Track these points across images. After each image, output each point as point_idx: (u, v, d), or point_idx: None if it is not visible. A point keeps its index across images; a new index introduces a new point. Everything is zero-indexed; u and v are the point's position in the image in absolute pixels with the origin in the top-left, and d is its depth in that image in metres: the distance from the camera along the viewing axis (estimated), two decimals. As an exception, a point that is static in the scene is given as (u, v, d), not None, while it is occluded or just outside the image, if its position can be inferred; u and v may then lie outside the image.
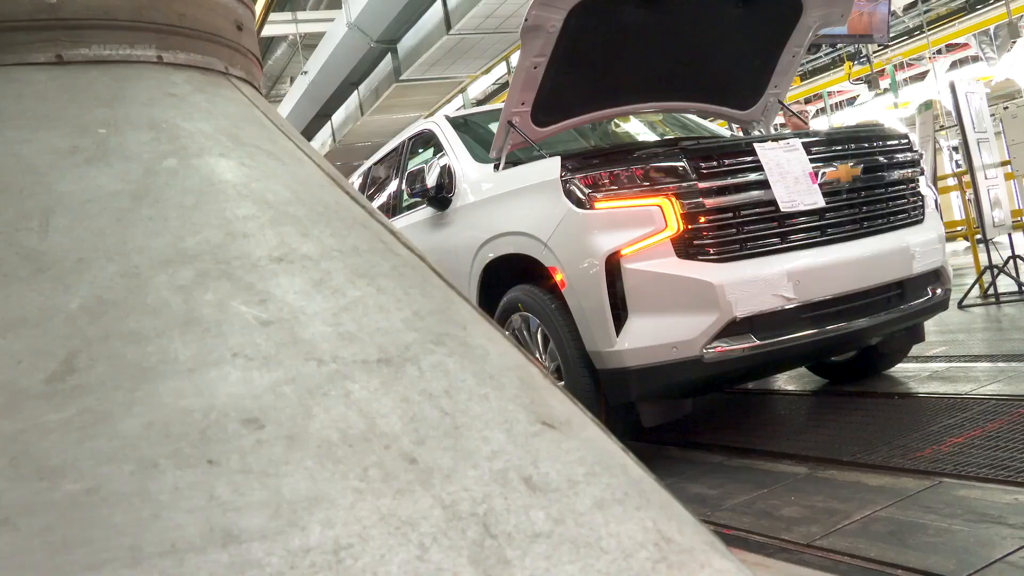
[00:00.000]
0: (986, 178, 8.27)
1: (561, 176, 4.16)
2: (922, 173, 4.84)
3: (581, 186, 4.07)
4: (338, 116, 15.40)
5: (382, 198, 7.13)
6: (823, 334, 4.11)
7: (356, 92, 14.27)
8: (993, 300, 8.20)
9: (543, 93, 4.85)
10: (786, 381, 5.95)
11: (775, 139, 4.22)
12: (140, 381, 0.85)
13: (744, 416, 5.37)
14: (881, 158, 4.54)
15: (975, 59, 20.90)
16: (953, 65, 23.20)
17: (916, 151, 4.82)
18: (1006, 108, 8.25)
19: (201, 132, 1.09)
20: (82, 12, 1.12)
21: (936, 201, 4.97)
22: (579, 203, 4.07)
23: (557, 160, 4.24)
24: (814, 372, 5.79)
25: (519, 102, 4.85)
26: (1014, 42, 18.38)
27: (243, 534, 0.81)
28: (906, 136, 4.81)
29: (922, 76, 21.89)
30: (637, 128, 6.82)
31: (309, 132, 16.62)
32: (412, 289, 1.06)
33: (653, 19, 4.94)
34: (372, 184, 7.59)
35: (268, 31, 14.90)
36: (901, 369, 5.55)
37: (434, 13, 11.23)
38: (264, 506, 0.83)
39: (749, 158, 4.10)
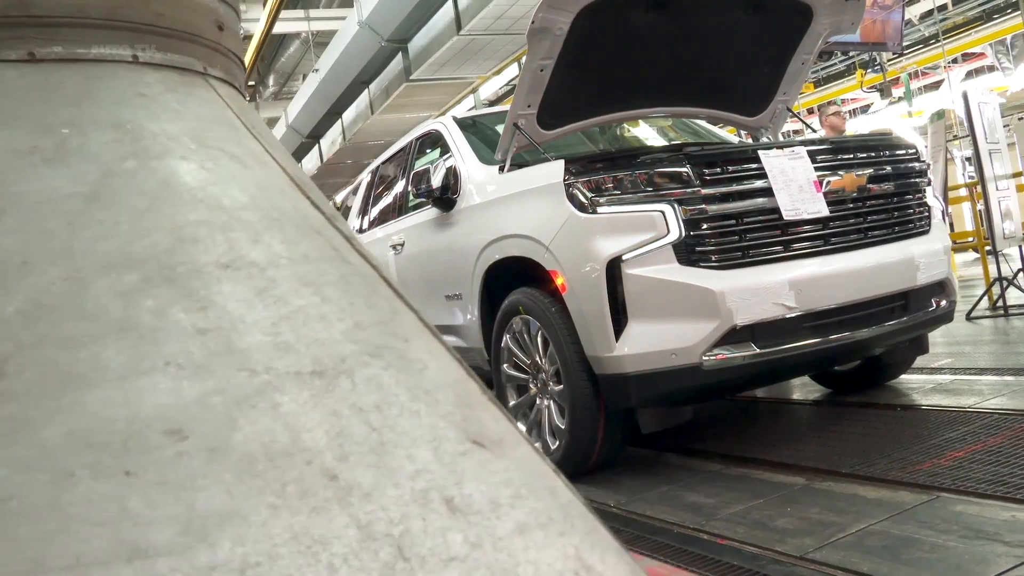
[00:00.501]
0: (997, 189, 8.22)
1: (564, 180, 4.14)
2: (929, 183, 4.81)
3: (584, 190, 4.05)
4: (348, 114, 15.38)
5: (389, 197, 7.13)
6: (825, 344, 4.08)
7: (367, 91, 14.26)
8: (1002, 312, 8.15)
9: (549, 96, 4.83)
10: (789, 390, 5.92)
11: (780, 146, 4.20)
12: (68, 389, 0.84)
13: (745, 424, 5.35)
14: (887, 167, 4.50)
15: (991, 69, 20.82)
16: (969, 75, 23.11)
17: (923, 161, 4.79)
18: (1021, 119, 8.18)
19: (166, 134, 1.07)
20: (55, 9, 1.11)
21: (943, 212, 4.93)
22: (581, 207, 4.05)
23: (561, 163, 4.23)
24: (817, 381, 5.76)
25: (525, 104, 4.83)
26: None
27: (150, 549, 0.79)
28: (913, 146, 4.78)
29: (937, 85, 21.79)
30: (647, 133, 6.80)
31: (320, 130, 16.65)
32: (357, 299, 1.04)
33: (661, 24, 4.91)
34: (380, 183, 7.59)
35: (280, 28, 14.93)
36: (905, 380, 5.51)
37: (445, 13, 11.20)
38: (175, 520, 0.81)
39: (754, 165, 4.07)
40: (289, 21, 14.82)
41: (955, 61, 22.11)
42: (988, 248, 8.66)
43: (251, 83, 21.68)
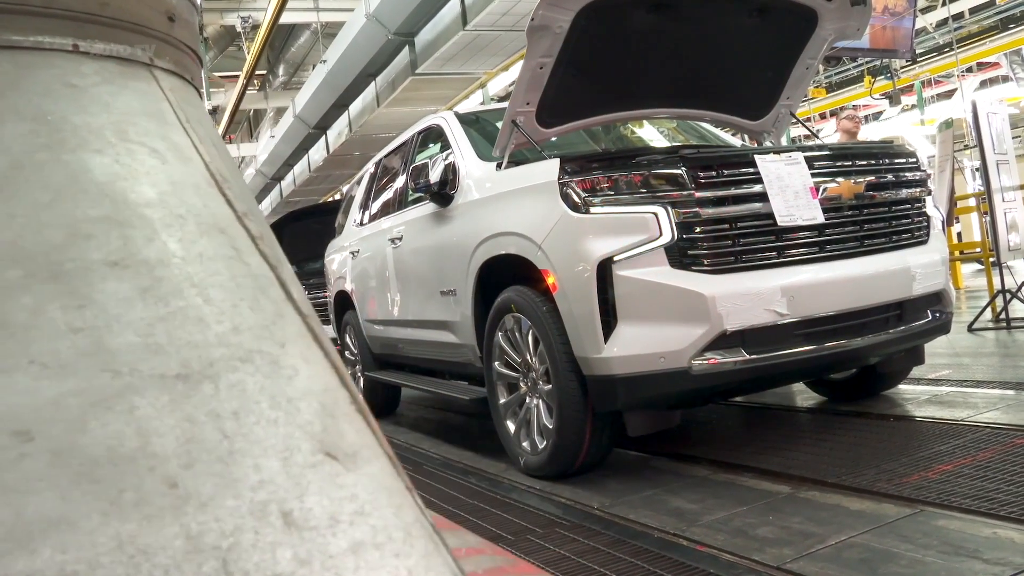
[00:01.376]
0: (1004, 200, 8.16)
1: (559, 178, 4.11)
2: (928, 193, 4.76)
3: (578, 189, 4.02)
4: (355, 106, 15.38)
5: (390, 191, 7.11)
6: (816, 352, 4.04)
7: (373, 83, 14.26)
8: (1004, 325, 8.09)
9: (549, 94, 4.80)
10: (784, 396, 5.89)
11: (777, 151, 4.16)
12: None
13: (736, 429, 5.32)
14: (886, 176, 4.47)
15: (1005, 79, 20.72)
16: (983, 84, 23.01)
17: (923, 170, 4.75)
18: None
19: (88, 126, 1.05)
20: (-9, -4, 1.09)
21: (943, 222, 4.88)
22: (575, 207, 4.02)
23: (556, 162, 4.20)
24: (813, 389, 5.73)
25: (524, 102, 4.81)
26: None
27: (-36, 554, 0.76)
28: (913, 154, 4.74)
29: (950, 94, 21.69)
30: (652, 135, 6.77)
31: (327, 121, 16.64)
32: (242, 302, 1.02)
33: (664, 25, 4.88)
34: (382, 176, 7.57)
35: (289, 18, 14.97)
36: (902, 391, 5.48)
37: (451, 8, 11.19)
38: (0, 525, 0.78)
39: (750, 169, 4.04)
40: (298, 11, 14.85)
41: (969, 70, 22.01)
42: (993, 259, 8.60)
43: (261, 72, 21.73)
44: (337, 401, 1.07)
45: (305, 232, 12.10)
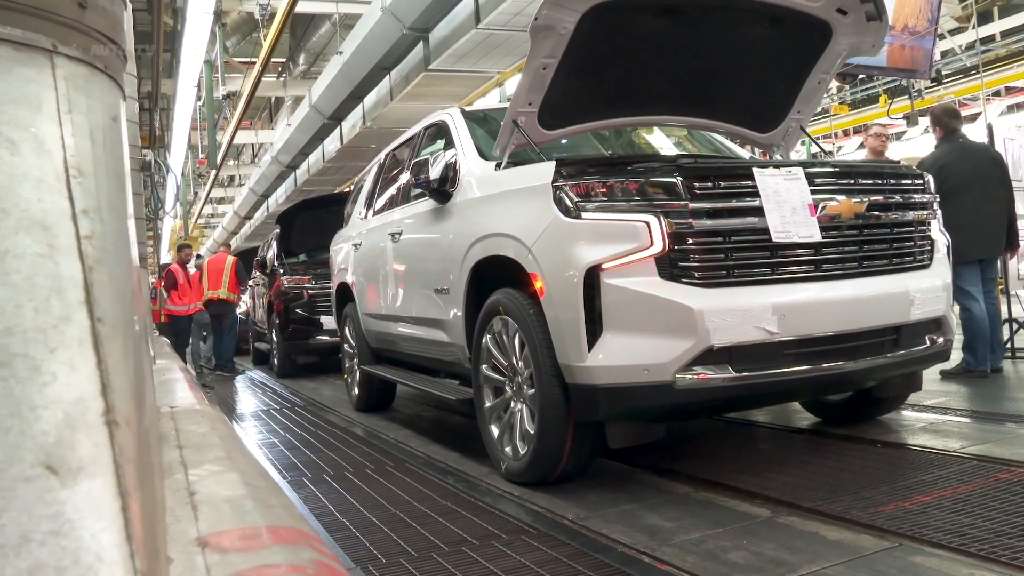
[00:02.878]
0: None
1: (553, 181, 4.03)
2: (935, 216, 4.65)
3: (571, 194, 3.94)
4: (370, 99, 15.38)
5: (395, 185, 7.05)
6: (806, 373, 3.94)
7: (388, 77, 14.26)
8: (1009, 355, 7.95)
9: (552, 95, 4.73)
10: (776, 415, 5.79)
11: (777, 165, 4.06)
12: None
13: (724, 446, 5.22)
14: (890, 196, 4.36)
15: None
16: (1010, 109, 22.75)
17: (931, 193, 4.64)
18: None
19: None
20: None
21: (948, 247, 4.74)
22: (567, 211, 3.94)
23: (552, 164, 4.11)
24: (807, 409, 5.62)
25: (526, 102, 4.73)
26: None
27: None
28: (921, 176, 4.62)
29: (975, 118, 21.46)
30: (662, 142, 6.68)
31: (342, 112, 16.66)
32: (28, 303, 0.96)
33: (674, 30, 4.79)
34: (390, 169, 7.51)
35: (308, 8, 15.00)
36: (898, 417, 5.38)
37: (466, 6, 11.17)
38: None
39: (747, 182, 3.94)
40: (317, 1, 14.89)
41: (997, 94, 21.77)
42: (1002, 288, 8.46)
43: (280, 60, 21.75)
44: (86, 412, 1.00)
45: (317, 221, 12.11)
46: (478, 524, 3.78)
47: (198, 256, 16.99)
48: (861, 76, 16.90)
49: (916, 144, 20.28)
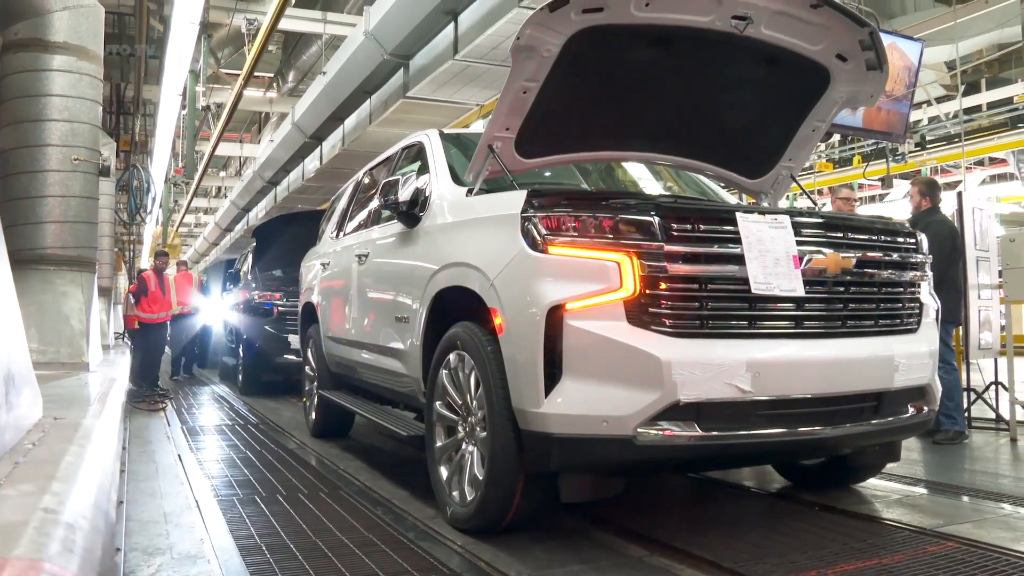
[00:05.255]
0: (979, 298, 7.84)
1: (522, 211, 3.75)
2: (926, 278, 4.39)
3: (540, 226, 3.66)
4: (350, 121, 15.30)
5: (367, 205, 6.77)
6: (778, 437, 3.65)
7: (369, 101, 14.23)
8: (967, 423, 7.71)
9: (532, 122, 4.47)
10: (745, 474, 5.49)
11: (762, 212, 3.79)
12: None
13: (685, 505, 4.96)
14: (880, 254, 4.10)
15: (1012, 177, 20.46)
16: (992, 179, 22.76)
17: (924, 253, 4.39)
18: (1012, 241, 7.75)
19: None
20: None
21: (938, 311, 4.49)
22: (534, 244, 3.65)
23: (523, 194, 3.83)
24: (778, 471, 5.33)
25: (503, 127, 4.47)
26: None
27: None
28: (914, 234, 4.37)
29: (955, 185, 21.42)
30: (648, 181, 6.41)
31: (323, 132, 16.60)
32: None
33: (666, 63, 4.55)
34: (365, 189, 7.22)
35: (296, 26, 14.91)
36: (872, 485, 5.10)
37: (446, 36, 11.27)
38: None
39: (729, 227, 3.67)
40: (306, 20, 14.82)
41: (980, 164, 21.78)
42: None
43: (266, 75, 21.54)
44: None
45: (294, 237, 11.79)
46: (394, 560, 3.64)
47: (182, 263, 16.81)
48: (848, 136, 16.88)
49: (897, 206, 20.19)
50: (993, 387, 8.55)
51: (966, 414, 7.74)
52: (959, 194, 8.24)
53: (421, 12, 10.80)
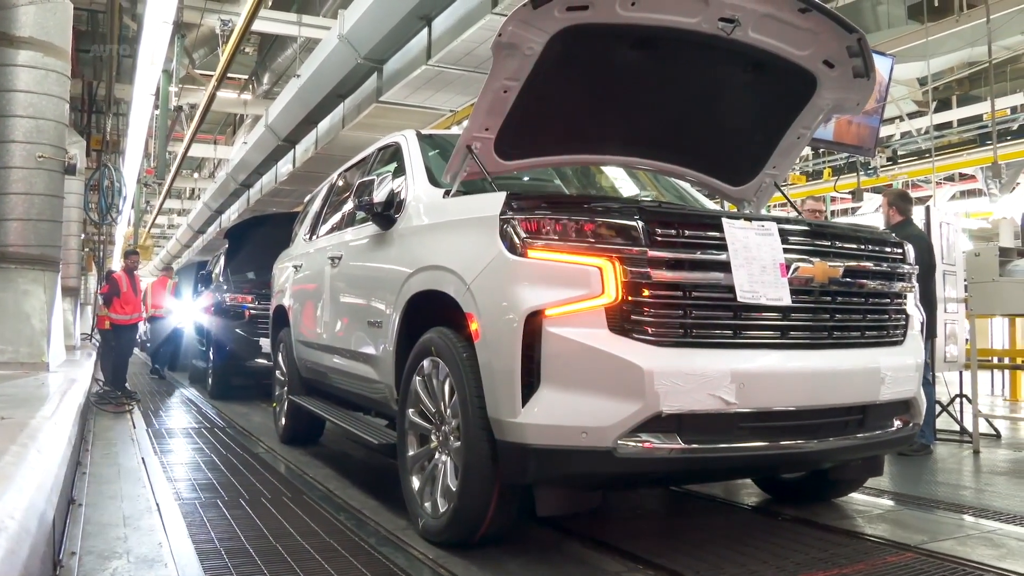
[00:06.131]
0: (945, 311, 7.84)
1: (501, 213, 3.61)
2: (912, 290, 4.30)
3: (519, 229, 3.52)
4: (323, 125, 15.26)
5: (342, 207, 6.61)
6: (761, 451, 3.53)
7: (342, 105, 14.18)
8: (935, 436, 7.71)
9: (512, 122, 4.33)
10: (725, 488, 5.37)
11: (749, 218, 3.67)
12: None
13: (663, 518, 4.85)
14: (868, 263, 4.00)
15: (981, 193, 20.61)
16: (963, 195, 22.93)
17: (911, 264, 4.29)
18: (977, 255, 7.75)
19: None
20: None
21: (923, 323, 4.40)
22: (512, 247, 3.52)
23: (502, 196, 3.69)
24: (757, 484, 5.22)
25: (482, 127, 4.33)
26: (1018, 183, 18.15)
27: None
28: (901, 244, 4.27)
29: (925, 200, 21.60)
30: (626, 185, 6.30)
31: (297, 135, 16.53)
32: None
33: (650, 65, 4.44)
34: (340, 191, 7.07)
35: (271, 28, 14.83)
36: (853, 499, 5.01)
37: (419, 40, 11.30)
38: None
39: (715, 233, 3.55)
40: (281, 23, 14.73)
41: (951, 179, 21.95)
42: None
43: (240, 76, 21.36)
44: None
45: (267, 239, 11.60)
46: (354, 566, 3.60)
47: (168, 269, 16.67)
48: (819, 149, 17.00)
49: (867, 221, 20.25)
50: (958, 400, 8.62)
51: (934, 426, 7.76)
52: (927, 208, 8.29)
53: (395, 16, 10.79)
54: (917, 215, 7.91)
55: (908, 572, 3.62)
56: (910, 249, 4.32)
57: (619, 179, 6.28)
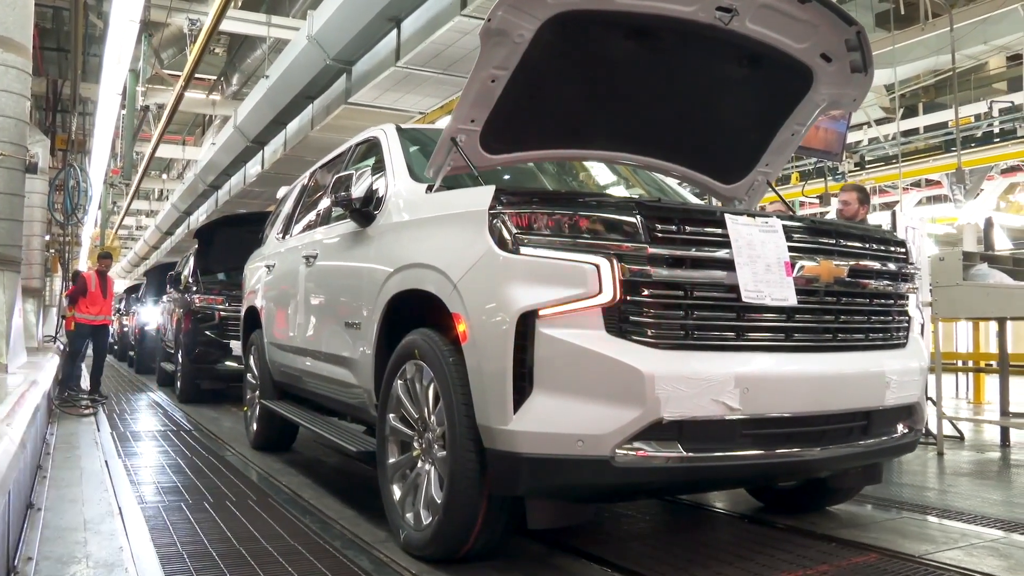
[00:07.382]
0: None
1: (490, 208, 3.40)
2: (915, 291, 4.13)
3: (510, 224, 3.31)
4: (292, 126, 15.20)
5: (317, 204, 6.38)
6: (765, 459, 3.34)
7: (311, 106, 14.14)
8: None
9: (499, 114, 4.13)
10: (715, 498, 5.19)
11: (753, 215, 3.49)
12: None
13: (651, 528, 4.64)
14: (873, 263, 3.83)
15: (947, 199, 20.80)
16: (929, 200, 23.12)
17: (913, 264, 4.13)
18: (941, 260, 7.70)
19: None
20: None
21: (923, 326, 4.25)
22: (503, 243, 3.31)
23: (491, 189, 3.48)
24: (749, 493, 5.04)
25: (468, 118, 4.12)
26: (982, 189, 18.30)
27: None
28: (903, 243, 4.11)
29: (891, 205, 21.75)
30: (610, 180, 6.12)
31: (265, 136, 16.39)
32: None
33: (643, 56, 4.26)
34: (313, 189, 6.83)
35: (239, 28, 14.67)
36: (842, 509, 4.87)
37: (388, 42, 11.28)
38: None
39: (717, 230, 3.36)
40: (250, 23, 14.57)
41: (917, 185, 22.12)
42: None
43: (209, 77, 21.07)
44: None
45: (238, 239, 11.36)
46: (318, 569, 3.58)
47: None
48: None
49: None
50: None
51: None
52: (893, 212, 8.22)
53: (364, 18, 10.74)
54: (884, 220, 7.86)
55: (873, 571, 3.64)
56: (912, 248, 4.16)
57: (600, 175, 6.11)
